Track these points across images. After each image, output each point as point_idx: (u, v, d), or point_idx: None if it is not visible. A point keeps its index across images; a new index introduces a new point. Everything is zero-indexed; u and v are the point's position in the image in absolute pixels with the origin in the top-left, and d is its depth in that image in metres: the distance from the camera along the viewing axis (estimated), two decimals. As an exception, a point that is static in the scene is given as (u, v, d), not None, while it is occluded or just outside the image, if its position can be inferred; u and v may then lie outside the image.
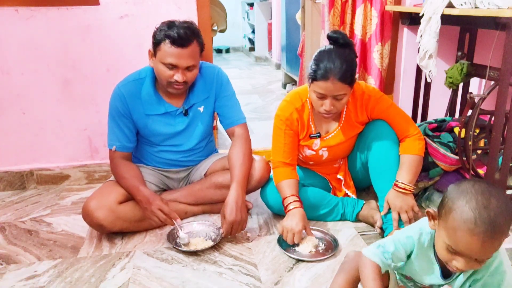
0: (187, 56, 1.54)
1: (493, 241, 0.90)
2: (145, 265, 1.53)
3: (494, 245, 0.92)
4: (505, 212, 0.89)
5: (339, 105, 1.57)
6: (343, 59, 1.50)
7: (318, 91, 1.54)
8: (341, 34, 1.55)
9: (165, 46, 1.53)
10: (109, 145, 1.71)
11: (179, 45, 1.52)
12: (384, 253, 1.08)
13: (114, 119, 1.69)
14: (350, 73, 1.51)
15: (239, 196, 1.61)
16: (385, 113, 1.70)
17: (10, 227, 1.82)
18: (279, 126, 1.72)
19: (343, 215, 1.79)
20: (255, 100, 4.03)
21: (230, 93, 1.80)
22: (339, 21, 2.23)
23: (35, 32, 2.00)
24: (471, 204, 0.90)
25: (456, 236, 0.92)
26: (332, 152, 1.79)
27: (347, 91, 1.54)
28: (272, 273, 1.47)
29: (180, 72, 1.56)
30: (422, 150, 1.66)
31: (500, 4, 1.49)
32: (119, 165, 1.70)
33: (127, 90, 1.67)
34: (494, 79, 1.65)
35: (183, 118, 1.74)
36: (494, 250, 0.93)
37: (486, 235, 0.88)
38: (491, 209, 0.88)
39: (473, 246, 0.90)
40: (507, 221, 0.90)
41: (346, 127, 1.73)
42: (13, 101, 2.08)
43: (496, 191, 0.92)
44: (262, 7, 6.30)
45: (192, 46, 1.55)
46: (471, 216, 0.89)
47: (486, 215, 0.88)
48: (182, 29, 1.52)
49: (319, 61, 1.52)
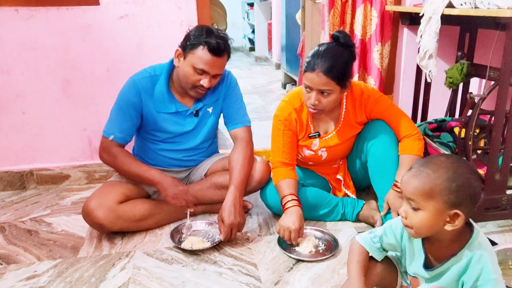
0: (219, 65, 1.60)
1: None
2: (145, 265, 1.52)
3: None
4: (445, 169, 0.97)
5: (325, 102, 1.56)
6: (334, 55, 1.51)
7: (305, 82, 1.56)
8: (343, 34, 1.55)
9: (201, 51, 1.56)
10: (106, 133, 1.68)
11: (215, 54, 1.57)
12: (372, 237, 1.16)
13: (121, 109, 1.68)
14: (337, 69, 1.50)
15: (237, 199, 1.61)
16: (384, 113, 1.70)
17: (10, 227, 1.82)
18: (278, 127, 1.72)
19: (343, 215, 1.79)
20: (255, 100, 4.03)
21: (238, 96, 1.82)
22: (339, 21, 2.23)
23: (35, 32, 2.00)
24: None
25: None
26: (331, 152, 1.79)
27: (334, 88, 1.53)
28: (272, 273, 1.47)
29: (208, 78, 1.60)
30: (421, 150, 1.66)
31: (500, 4, 1.49)
32: (119, 153, 1.67)
33: (143, 85, 1.68)
34: (494, 79, 1.65)
35: (193, 119, 1.76)
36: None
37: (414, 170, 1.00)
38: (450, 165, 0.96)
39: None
40: (436, 173, 0.97)
41: (345, 127, 1.73)
42: (13, 101, 2.08)
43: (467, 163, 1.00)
44: (262, 7, 6.30)
45: (225, 56, 1.62)
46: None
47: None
48: (221, 39, 1.58)
49: (312, 54, 1.54)
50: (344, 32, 1.58)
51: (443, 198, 0.94)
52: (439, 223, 0.97)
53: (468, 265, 0.99)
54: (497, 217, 1.71)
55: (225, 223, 1.57)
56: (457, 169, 0.95)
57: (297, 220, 1.55)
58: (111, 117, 1.70)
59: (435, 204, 0.95)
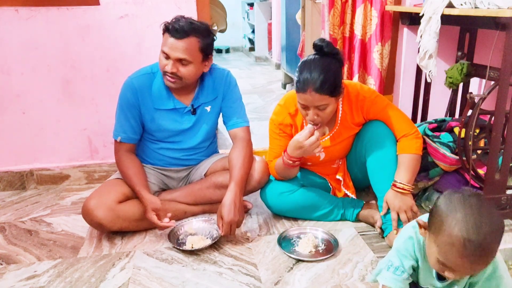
0: (180, 48, 1.58)
1: (483, 261, 0.91)
2: (145, 265, 1.53)
3: (484, 263, 0.92)
4: (495, 232, 0.89)
5: (324, 115, 1.54)
6: (322, 69, 1.47)
7: (300, 101, 1.54)
8: (326, 43, 1.51)
9: (165, 35, 1.60)
10: (114, 135, 1.73)
11: (174, 36, 1.57)
12: (394, 271, 1.10)
13: (122, 110, 1.71)
14: (329, 84, 1.47)
15: (237, 196, 1.61)
16: (381, 114, 1.69)
17: (10, 227, 1.82)
18: (274, 130, 1.74)
19: (343, 215, 1.79)
20: (255, 100, 4.03)
21: (237, 96, 1.82)
22: (339, 21, 2.23)
23: (35, 32, 2.00)
24: (461, 225, 0.89)
25: (446, 255, 0.92)
26: (329, 153, 1.78)
27: (329, 101, 1.51)
28: (272, 273, 1.47)
29: (172, 63, 1.59)
30: (420, 149, 1.66)
31: (500, 4, 1.49)
32: (123, 159, 1.71)
33: (139, 82, 1.69)
34: (494, 79, 1.65)
35: (191, 116, 1.76)
36: (485, 267, 0.94)
37: (475, 257, 0.88)
38: (481, 231, 0.87)
39: (462, 265, 0.91)
40: (497, 241, 0.90)
41: (341, 129, 1.73)
42: (13, 101, 2.08)
43: (487, 208, 0.91)
44: (262, 7, 6.30)
45: (189, 40, 1.58)
46: (460, 238, 0.88)
47: (476, 237, 0.87)
48: (184, 23, 1.57)
49: (300, 72, 1.51)
50: (324, 40, 1.53)
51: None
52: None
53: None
54: (497, 217, 1.71)
55: (225, 220, 1.57)
56: (497, 225, 0.91)
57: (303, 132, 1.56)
58: (116, 119, 1.73)
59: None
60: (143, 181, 1.69)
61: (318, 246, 1.60)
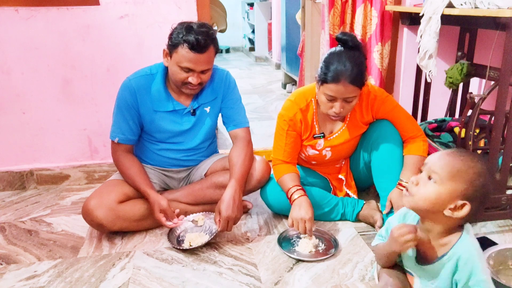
0: (203, 61, 1.56)
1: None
2: (145, 265, 1.53)
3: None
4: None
5: (349, 107, 1.57)
6: (353, 61, 1.49)
7: (328, 93, 1.53)
8: (351, 37, 1.53)
9: (182, 50, 1.53)
10: (112, 136, 1.72)
11: (196, 51, 1.53)
12: (378, 236, 1.27)
13: (120, 111, 1.69)
14: (361, 76, 1.50)
15: (236, 193, 1.61)
16: (390, 114, 1.70)
17: (10, 227, 1.82)
18: (282, 126, 1.72)
19: (343, 215, 1.79)
20: (255, 100, 4.03)
21: (236, 97, 1.82)
22: (339, 21, 2.23)
23: (35, 32, 2.00)
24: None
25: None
26: (336, 152, 1.78)
27: (357, 93, 1.54)
28: (272, 273, 1.47)
29: (195, 75, 1.59)
30: (426, 151, 1.67)
31: (500, 4, 1.49)
32: (121, 160, 1.71)
33: (138, 84, 1.68)
34: (494, 79, 1.65)
35: (190, 117, 1.76)
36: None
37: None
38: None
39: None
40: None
41: (350, 127, 1.73)
42: (13, 101, 2.08)
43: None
44: (262, 7, 6.30)
45: (209, 51, 1.57)
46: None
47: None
48: (201, 35, 1.52)
49: (329, 64, 1.51)
50: (349, 33, 1.56)
51: (464, 186, 0.97)
52: (443, 204, 1.00)
53: (457, 265, 1.02)
54: (497, 217, 1.72)
55: (222, 216, 1.57)
56: (485, 169, 0.99)
57: (309, 209, 1.55)
58: (113, 120, 1.72)
59: (454, 186, 0.98)
60: (147, 180, 1.69)
61: (318, 246, 1.60)
